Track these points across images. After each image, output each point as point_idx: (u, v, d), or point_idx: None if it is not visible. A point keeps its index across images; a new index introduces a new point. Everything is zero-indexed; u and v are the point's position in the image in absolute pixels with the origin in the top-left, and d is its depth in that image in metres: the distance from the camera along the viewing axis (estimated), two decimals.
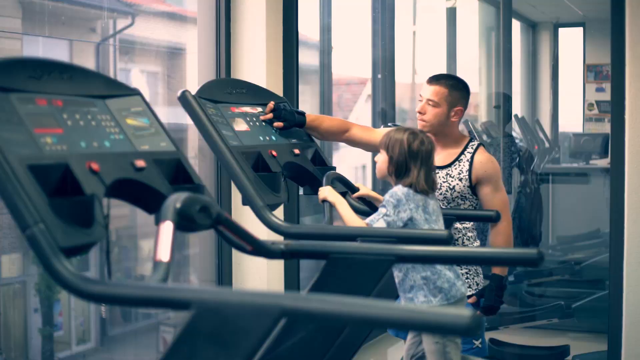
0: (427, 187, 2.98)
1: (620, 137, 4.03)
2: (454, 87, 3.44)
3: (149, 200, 2.13)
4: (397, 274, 3.04)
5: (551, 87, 10.04)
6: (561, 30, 10.21)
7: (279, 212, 4.19)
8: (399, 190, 2.96)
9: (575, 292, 6.09)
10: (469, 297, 3.44)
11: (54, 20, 4.20)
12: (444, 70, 7.79)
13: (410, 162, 2.97)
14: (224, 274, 4.18)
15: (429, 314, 1.43)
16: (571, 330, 5.70)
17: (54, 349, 4.24)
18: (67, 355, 4.38)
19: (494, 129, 6.70)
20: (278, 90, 4.19)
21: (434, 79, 3.45)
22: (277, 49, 4.25)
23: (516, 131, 7.78)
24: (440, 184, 3.47)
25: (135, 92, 2.32)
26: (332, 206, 2.89)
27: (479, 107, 8.89)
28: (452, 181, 3.46)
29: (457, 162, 3.49)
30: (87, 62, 4.70)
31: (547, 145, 8.52)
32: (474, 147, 3.51)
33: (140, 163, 2.10)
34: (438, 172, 3.49)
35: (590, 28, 9.99)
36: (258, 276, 4.16)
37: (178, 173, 2.26)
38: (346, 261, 2.26)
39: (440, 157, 3.50)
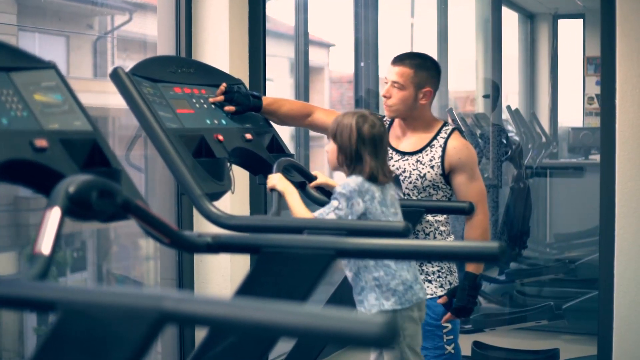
0: (384, 176, 2.69)
1: (610, 131, 3.80)
2: (419, 66, 3.13)
3: (52, 185, 1.86)
4: (349, 273, 2.76)
5: (550, 80, 9.76)
6: (560, 21, 9.94)
7: (245, 207, 3.91)
8: (352, 181, 2.68)
9: (570, 292, 5.78)
10: (440, 297, 3.15)
11: (50, 15, 4.13)
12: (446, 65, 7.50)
13: (361, 149, 2.68)
14: (184, 271, 3.90)
15: (334, 319, 1.15)
16: (562, 332, 5.38)
17: None
18: None
19: (486, 120, 6.40)
20: (243, 75, 3.90)
21: (398, 60, 3.15)
22: (242, 31, 3.96)
23: (511, 124, 7.48)
24: (410, 171, 3.17)
25: (49, 66, 2.09)
26: (281, 196, 2.60)
27: (476, 101, 8.60)
28: (422, 169, 3.16)
29: (428, 148, 3.19)
30: (85, 57, 4.67)
31: (543, 139, 8.22)
32: (448, 132, 3.21)
33: (42, 143, 1.87)
34: (407, 159, 3.19)
35: (590, 20, 9.70)
36: (221, 273, 3.88)
37: (93, 155, 2.01)
38: (280, 256, 1.98)
39: (410, 142, 3.21)
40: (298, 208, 2.58)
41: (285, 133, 5.35)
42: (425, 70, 3.13)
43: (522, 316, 5.19)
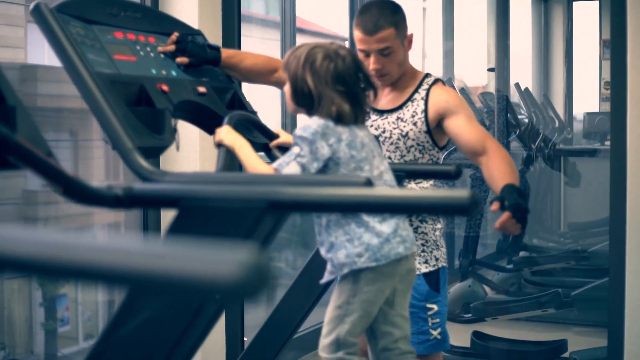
0: (352, 115, 2.28)
1: (621, 116, 3.61)
2: (393, 16, 2.72)
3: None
4: (317, 229, 2.35)
5: (565, 65, 9.35)
6: (575, 3, 9.54)
7: None
8: (313, 122, 2.25)
9: (582, 282, 5.35)
10: (426, 273, 2.77)
11: None
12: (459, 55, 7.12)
13: (319, 86, 2.27)
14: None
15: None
16: (571, 324, 4.96)
17: (57, 344, 4.19)
18: (74, 351, 4.25)
19: (492, 98, 5.99)
20: (216, 38, 3.53)
21: (372, 26, 2.71)
22: None
23: (522, 107, 7.09)
24: (390, 130, 2.79)
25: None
26: (229, 151, 2.23)
27: (489, 88, 8.20)
28: (404, 126, 2.77)
29: (409, 103, 2.80)
30: None
31: (557, 124, 7.82)
32: (430, 82, 2.82)
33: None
34: (386, 117, 2.81)
35: (607, 1, 9.28)
36: None
37: None
38: (202, 211, 1.61)
39: (389, 98, 2.83)
40: (252, 161, 2.19)
41: (272, 120, 5.00)
42: (398, 15, 2.75)
43: (527, 304, 4.77)
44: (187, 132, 3.43)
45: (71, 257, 0.79)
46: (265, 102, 5.21)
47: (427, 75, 2.84)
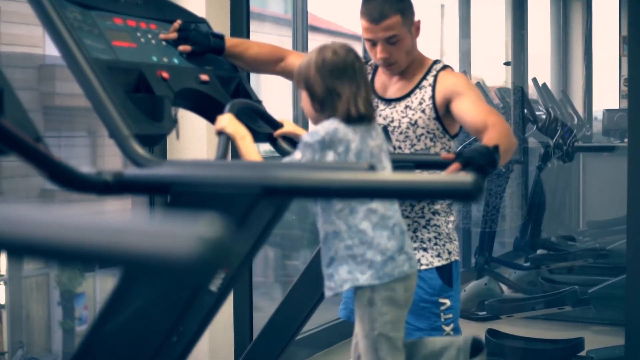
0: (365, 110, 2.21)
1: (638, 112, 3.38)
2: (398, 4, 2.63)
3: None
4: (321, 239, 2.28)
5: (584, 61, 9.22)
6: None
7: None
8: (322, 128, 2.17)
9: (600, 280, 5.23)
10: (438, 267, 2.69)
11: None
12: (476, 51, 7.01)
13: (329, 82, 2.19)
14: None
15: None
16: (588, 322, 4.85)
17: (75, 342, 4.17)
18: None
19: (509, 94, 5.89)
20: (224, 29, 3.47)
21: (377, 15, 2.60)
22: None
23: (540, 103, 6.98)
24: (399, 120, 2.70)
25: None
26: (230, 140, 2.15)
27: (507, 85, 8.09)
28: (412, 114, 2.69)
29: (417, 90, 2.71)
30: None
31: (575, 120, 7.70)
32: (438, 69, 2.74)
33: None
34: (394, 106, 2.73)
35: None
36: None
37: None
38: (194, 197, 1.54)
39: (397, 87, 2.74)
40: (251, 156, 2.13)
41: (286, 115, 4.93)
42: (404, 2, 2.65)
43: (544, 302, 4.67)
44: (194, 123, 3.37)
45: (21, 231, 0.72)
46: (277, 98, 5.15)
47: (437, 61, 2.76)
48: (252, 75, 3.21)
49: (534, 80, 6.55)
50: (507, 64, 5.48)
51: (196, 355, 3.50)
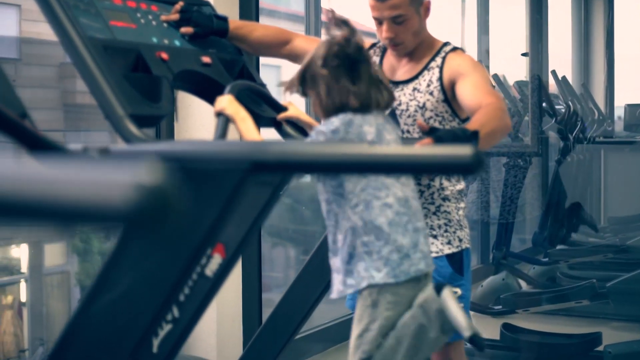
0: (370, 100, 2.12)
1: None
2: None
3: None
4: (331, 238, 2.19)
5: (605, 56, 9.09)
6: None
7: None
8: (337, 119, 2.07)
9: (620, 275, 5.11)
10: (448, 255, 2.62)
11: None
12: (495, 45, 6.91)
13: (338, 76, 2.09)
14: None
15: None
16: (606, 318, 4.73)
17: None
18: None
19: (527, 86, 5.79)
20: (233, 15, 3.41)
21: None
22: None
23: (559, 97, 6.87)
24: (407, 103, 2.62)
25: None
26: (229, 121, 2.09)
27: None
28: (420, 97, 2.61)
29: (425, 72, 2.63)
30: None
31: (596, 115, 7.58)
32: (448, 50, 2.66)
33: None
34: (402, 89, 2.65)
35: None
36: None
37: None
38: (182, 173, 1.47)
39: (406, 69, 2.66)
40: (253, 138, 2.05)
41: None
42: None
43: (560, 295, 4.56)
44: (201, 109, 3.31)
45: None
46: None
47: (446, 43, 2.68)
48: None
49: (553, 72, 6.44)
50: (524, 54, 5.39)
51: (205, 348, 3.45)
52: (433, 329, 2.10)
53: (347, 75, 2.09)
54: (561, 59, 8.67)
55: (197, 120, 3.40)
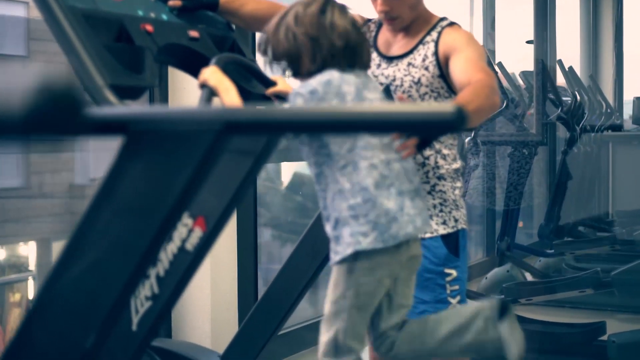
0: (355, 57, 2.07)
1: None
2: None
3: None
4: (321, 204, 2.14)
5: (614, 49, 9.00)
6: None
7: None
8: (314, 80, 2.04)
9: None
10: (443, 236, 2.55)
11: None
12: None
13: (312, 31, 2.06)
14: None
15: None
16: (611, 309, 4.62)
17: None
18: None
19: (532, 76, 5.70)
20: None
21: None
22: None
23: (567, 88, 6.78)
24: (401, 78, 2.55)
25: None
26: (213, 93, 2.02)
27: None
28: (415, 72, 2.53)
29: (420, 46, 2.56)
30: None
31: (604, 107, 7.49)
32: (444, 25, 2.58)
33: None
34: (397, 64, 2.58)
35: None
36: None
37: None
38: (153, 137, 1.42)
39: (401, 44, 2.59)
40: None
41: None
42: None
43: (564, 284, 4.47)
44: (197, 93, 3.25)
45: None
46: None
47: (443, 18, 2.61)
48: None
49: (559, 62, 6.35)
50: (529, 42, 5.30)
51: (199, 335, 3.39)
52: (474, 339, 2.09)
53: (325, 33, 2.06)
54: (569, 52, 8.59)
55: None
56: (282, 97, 2.33)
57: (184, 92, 3.35)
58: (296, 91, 2.03)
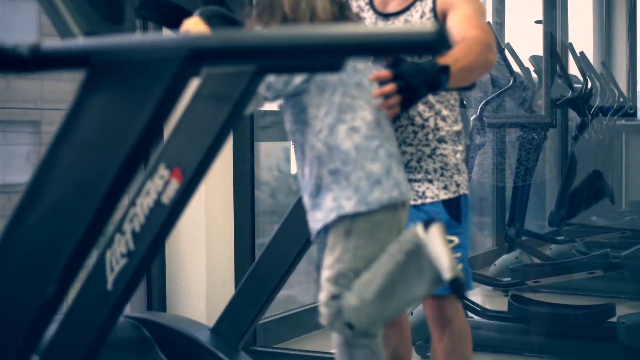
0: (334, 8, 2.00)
1: None
2: None
3: None
4: (300, 173, 2.06)
5: (627, 38, 8.85)
6: None
7: None
8: None
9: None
10: (444, 201, 2.45)
11: None
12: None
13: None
14: None
15: None
16: (620, 295, 4.48)
17: None
18: None
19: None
20: None
21: None
22: None
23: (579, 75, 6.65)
24: None
25: None
26: None
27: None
28: None
29: (417, 3, 2.46)
30: None
31: (617, 96, 7.35)
32: None
33: None
34: (392, 21, 2.48)
35: None
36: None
37: None
38: (117, 69, 1.32)
39: (397, 1, 2.50)
40: None
41: None
42: None
43: (572, 266, 4.34)
44: None
45: None
46: None
47: None
48: None
49: (570, 45, 6.21)
50: (538, 22, 5.17)
51: (194, 313, 3.31)
52: (414, 271, 1.93)
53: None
54: (582, 40, 8.46)
55: None
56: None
57: None
58: None
